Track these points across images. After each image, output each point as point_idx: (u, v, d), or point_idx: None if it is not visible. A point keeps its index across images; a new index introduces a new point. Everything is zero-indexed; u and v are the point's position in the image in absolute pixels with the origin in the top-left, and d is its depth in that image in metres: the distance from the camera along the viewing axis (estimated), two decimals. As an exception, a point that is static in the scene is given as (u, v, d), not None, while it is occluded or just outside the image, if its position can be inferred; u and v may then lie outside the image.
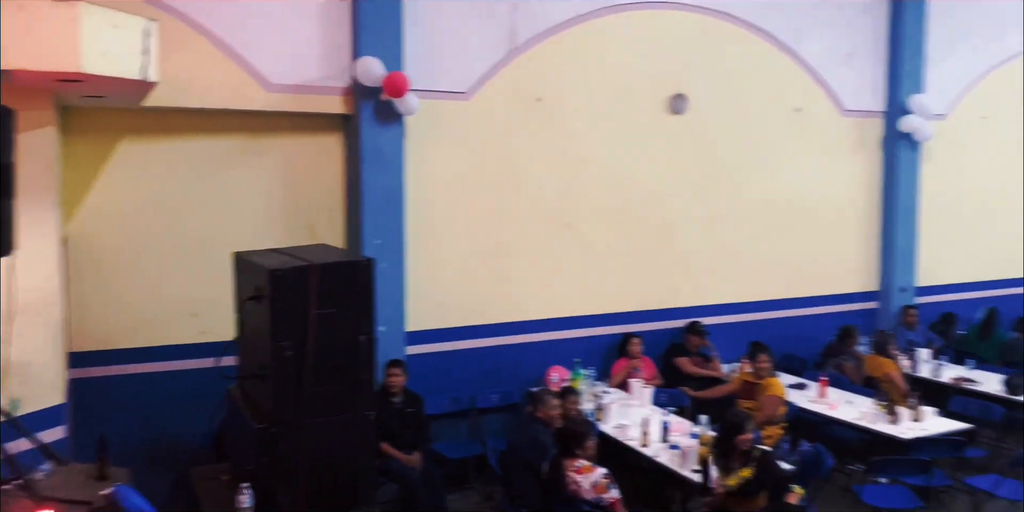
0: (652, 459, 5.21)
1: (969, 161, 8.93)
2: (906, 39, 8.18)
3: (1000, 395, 6.64)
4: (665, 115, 7.26)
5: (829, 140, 8.12)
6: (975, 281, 9.09)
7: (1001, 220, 9.21)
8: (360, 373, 4.14)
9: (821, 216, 8.12)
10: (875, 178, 8.38)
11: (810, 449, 5.30)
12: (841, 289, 8.28)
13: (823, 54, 7.97)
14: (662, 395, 6.41)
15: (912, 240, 8.42)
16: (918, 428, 5.79)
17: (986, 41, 8.89)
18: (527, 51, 6.64)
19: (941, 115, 8.56)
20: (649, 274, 7.32)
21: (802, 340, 7.91)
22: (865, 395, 6.46)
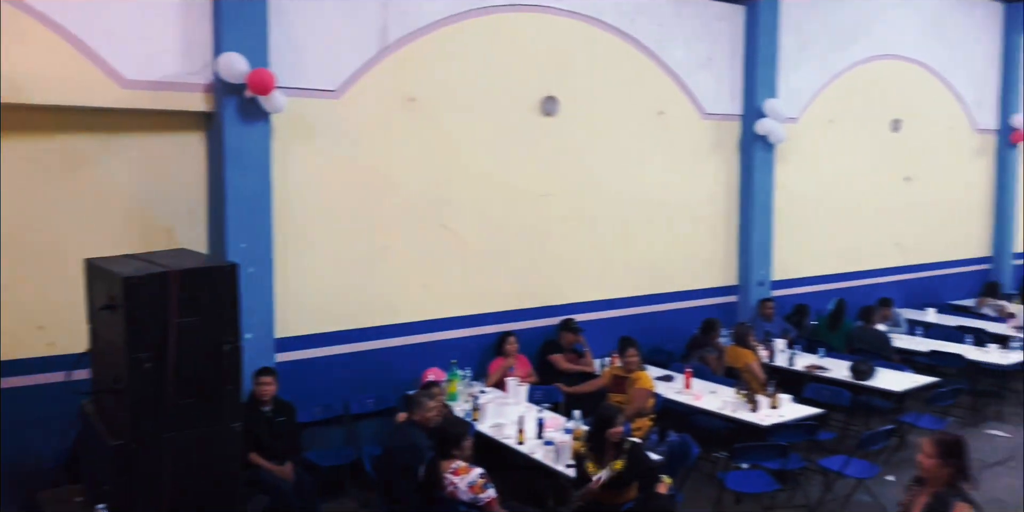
0: (528, 456, 5.29)
1: (818, 162, 9.54)
2: (760, 47, 8.64)
3: (848, 381, 7.12)
4: (537, 117, 7.37)
5: (690, 142, 8.48)
6: (825, 274, 9.73)
7: (848, 217, 9.89)
8: (225, 383, 3.99)
9: (684, 215, 8.48)
10: (733, 178, 8.82)
11: (677, 439, 5.52)
12: (704, 284, 8.68)
13: (685, 60, 8.31)
14: (537, 392, 6.52)
15: (768, 237, 8.92)
16: (776, 415, 6.12)
17: (832, 50, 9.51)
18: (399, 50, 6.58)
19: (793, 119, 9.10)
20: (524, 273, 7.42)
21: (669, 334, 8.25)
22: (727, 385, 6.80)
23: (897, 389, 6.95)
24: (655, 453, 5.28)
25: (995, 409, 8.27)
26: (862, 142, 9.95)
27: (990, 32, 11.34)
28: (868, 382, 7.06)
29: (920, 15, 10.40)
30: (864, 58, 9.83)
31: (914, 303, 10.42)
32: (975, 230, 11.56)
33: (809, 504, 5.91)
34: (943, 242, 11.08)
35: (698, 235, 8.64)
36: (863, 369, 7.08)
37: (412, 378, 6.56)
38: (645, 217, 8.18)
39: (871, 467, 5.88)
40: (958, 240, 11.32)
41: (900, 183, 10.43)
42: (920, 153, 10.59)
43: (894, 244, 10.45)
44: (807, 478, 6.23)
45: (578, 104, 7.56)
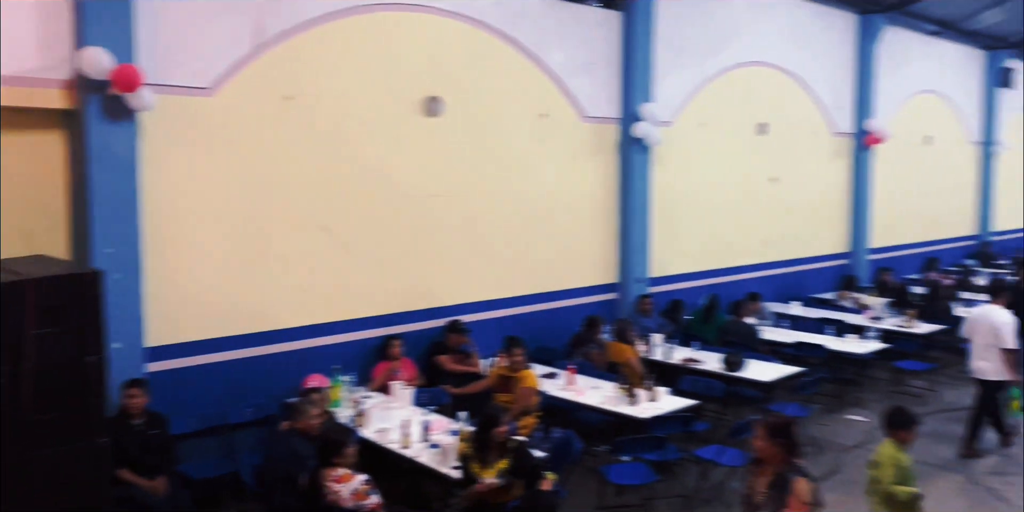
0: (413, 460, 5.28)
1: (691, 163, 9.95)
2: (636, 52, 8.93)
3: (720, 372, 7.47)
4: (421, 117, 7.35)
5: (572, 144, 8.67)
6: (699, 271, 10.17)
7: (719, 216, 10.37)
8: (89, 397, 3.81)
9: (567, 215, 8.67)
10: (613, 179, 9.08)
11: (561, 435, 5.64)
12: (586, 282, 8.91)
13: (565, 63, 8.48)
14: (423, 395, 6.51)
15: (645, 236, 9.24)
16: (654, 407, 6.36)
17: (703, 56, 9.94)
18: (276, 47, 6.41)
19: (667, 122, 9.44)
20: (410, 275, 7.39)
21: (554, 331, 8.41)
22: (609, 380, 6.99)
23: (766, 379, 7.33)
24: (540, 450, 5.37)
25: (855, 395, 8.86)
26: (731, 144, 10.45)
27: (847, 41, 12.14)
28: (739, 373, 7.42)
29: (784, 24, 11.02)
30: (733, 64, 10.32)
31: (780, 297, 11.04)
32: (834, 227, 12.36)
33: (686, 493, 6.17)
34: (805, 239, 11.79)
35: (580, 235, 8.85)
36: (734, 361, 7.43)
37: (293, 385, 6.40)
38: (529, 218, 8.31)
39: (743, 455, 6.18)
40: (819, 237, 12.07)
41: (766, 184, 11.03)
42: (784, 155, 11.23)
43: (761, 241, 11.03)
44: (684, 468, 6.51)
45: (462, 105, 7.59)
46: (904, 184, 13.66)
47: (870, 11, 12.11)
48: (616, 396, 6.47)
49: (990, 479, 6.69)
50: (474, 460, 4.81)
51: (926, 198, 14.33)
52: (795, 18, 11.18)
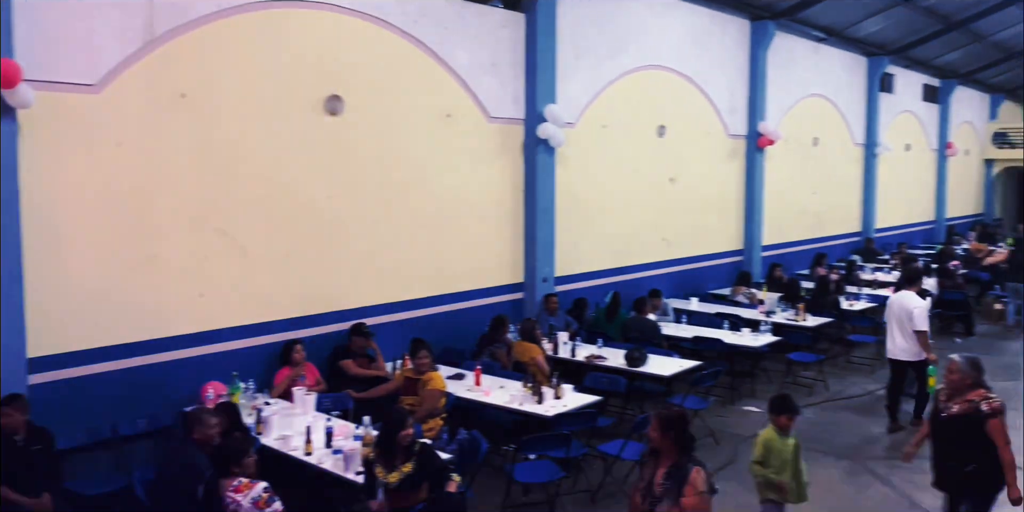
0: (316, 466, 5.19)
1: (594, 164, 10.13)
2: (539, 54, 9.02)
3: (623, 368, 7.64)
4: (322, 116, 7.21)
5: (477, 144, 8.69)
6: (603, 269, 10.37)
7: (621, 215, 10.60)
8: (-38, 415, 3.56)
9: (473, 215, 8.68)
10: (518, 180, 9.15)
11: (467, 436, 5.66)
12: (492, 282, 8.95)
13: (470, 64, 8.49)
14: (326, 400, 6.40)
15: (551, 235, 9.35)
16: (559, 405, 6.46)
17: (605, 59, 10.13)
18: (167, 43, 6.18)
19: (571, 123, 9.59)
20: (312, 278, 7.25)
21: (461, 332, 8.42)
22: (515, 379, 7.05)
23: (666, 374, 7.55)
24: (445, 452, 5.38)
25: (749, 387, 9.24)
26: (632, 146, 10.69)
27: (740, 46, 12.61)
28: (641, 368, 7.62)
29: (681, 29, 11.35)
30: (633, 67, 10.56)
31: (680, 293, 11.38)
32: (729, 225, 12.84)
33: (591, 488, 6.29)
34: (703, 237, 12.20)
35: (486, 235, 8.88)
36: (636, 356, 7.62)
37: (190, 394, 6.19)
38: (435, 218, 8.28)
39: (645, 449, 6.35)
40: (715, 235, 12.51)
41: (666, 184, 11.34)
42: (682, 156, 11.57)
43: (661, 239, 11.34)
44: (589, 463, 6.63)
45: (364, 104, 7.50)
46: (794, 184, 14.32)
47: (761, 17, 12.62)
48: (522, 395, 6.53)
49: (875, 464, 7.08)
50: (378, 464, 4.77)
51: (814, 197, 15.05)
52: (691, 23, 11.54)
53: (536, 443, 5.79)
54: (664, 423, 4.01)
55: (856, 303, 11.27)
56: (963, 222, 21.70)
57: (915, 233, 19.41)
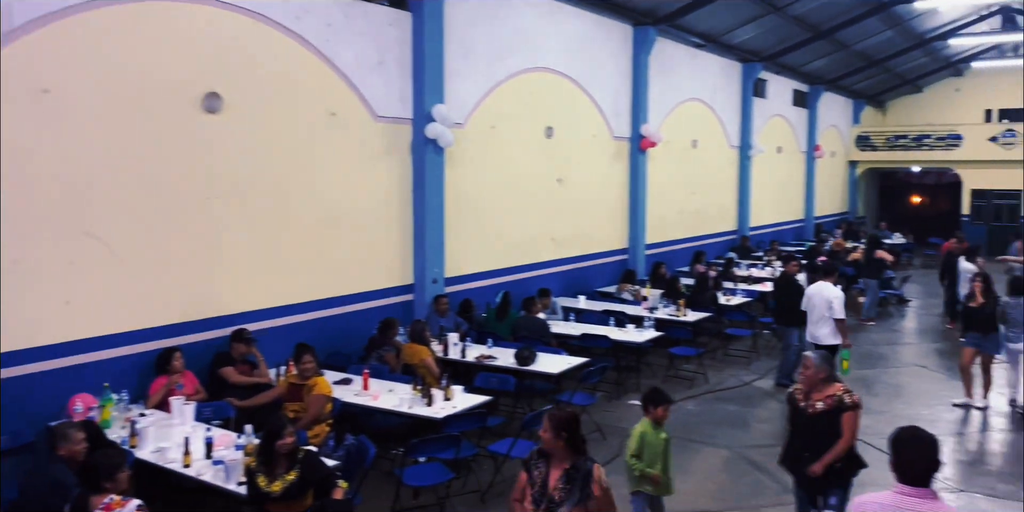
0: (196, 479, 4.99)
1: (483, 164, 10.18)
2: (427, 53, 8.97)
3: (513, 367, 7.72)
4: (199, 114, 6.94)
5: (364, 144, 8.57)
6: (493, 269, 10.44)
7: (511, 215, 10.70)
8: None
9: (360, 216, 8.55)
10: (407, 180, 9.08)
11: (354, 442, 5.58)
12: (381, 284, 8.84)
13: (355, 62, 8.36)
14: (206, 409, 6.16)
15: (440, 236, 9.32)
16: (449, 406, 6.45)
17: (493, 60, 10.19)
18: (28, 35, 5.78)
19: (460, 124, 9.60)
20: (189, 283, 6.95)
21: (349, 336, 8.29)
22: (405, 382, 7.00)
23: (554, 371, 7.68)
24: (332, 458, 5.29)
25: (634, 381, 9.52)
26: (521, 146, 10.82)
27: (623, 51, 12.97)
28: (531, 367, 7.72)
29: (567, 33, 11.56)
30: (521, 69, 10.68)
31: (568, 291, 11.62)
32: (615, 225, 13.19)
33: (481, 489, 6.33)
34: (590, 236, 12.48)
35: (373, 236, 8.76)
36: (526, 355, 7.72)
37: (56, 408, 5.82)
38: (320, 219, 8.11)
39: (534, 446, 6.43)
40: (601, 234, 12.82)
41: (554, 184, 11.54)
42: (569, 157, 11.80)
43: (550, 239, 11.53)
44: (479, 464, 6.67)
45: (245, 102, 7.26)
46: (675, 185, 14.86)
47: (643, 23, 13.01)
48: (412, 398, 6.49)
49: (751, 452, 7.43)
50: (260, 474, 4.64)
51: (694, 197, 15.68)
52: (577, 27, 11.77)
53: (425, 446, 5.77)
54: (557, 424, 3.96)
55: (733, 298, 11.81)
56: (830, 220, 23.12)
57: (786, 231, 20.53)
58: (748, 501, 6.38)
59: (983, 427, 8.31)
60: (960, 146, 23.25)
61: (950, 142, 23.45)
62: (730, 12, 13.94)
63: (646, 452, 5.08)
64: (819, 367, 4.95)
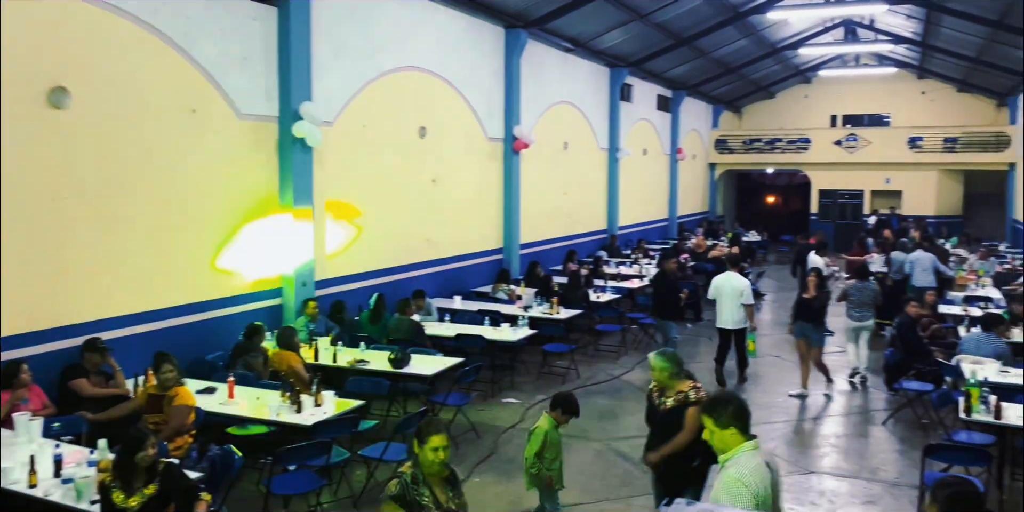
0: (43, 500, 4.67)
1: (355, 164, 10.04)
2: (294, 50, 8.74)
3: (387, 370, 7.64)
4: (44, 109, 6.48)
5: (227, 142, 8.26)
6: (367, 271, 10.30)
7: (384, 216, 10.59)
8: None
9: (222, 218, 8.23)
10: (273, 180, 8.81)
11: (219, 452, 5.38)
12: (246, 289, 8.53)
13: (217, 57, 8.04)
14: (55, 425, 5.75)
15: (309, 238, 9.07)
16: (320, 412, 6.32)
17: (363, 58, 10.05)
18: None
19: (329, 122, 9.41)
20: (37, 289, 6.49)
21: (212, 343, 7.97)
22: (273, 389, 6.79)
23: (429, 373, 7.66)
24: (195, 470, 5.08)
25: (509, 380, 9.66)
26: (393, 146, 10.73)
27: (495, 53, 13.10)
28: (405, 369, 7.67)
29: (439, 33, 11.56)
30: (393, 68, 10.59)
31: (444, 292, 11.63)
32: (490, 225, 13.31)
33: (354, 494, 6.25)
34: (465, 236, 12.54)
35: (237, 238, 8.44)
36: (399, 358, 7.66)
37: None
38: (181, 221, 7.76)
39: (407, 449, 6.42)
40: (477, 234, 12.91)
41: (428, 184, 11.51)
42: (444, 157, 11.81)
43: (425, 240, 11.50)
44: (352, 469, 6.58)
45: (96, 97, 6.85)
46: (547, 185, 15.17)
47: (515, 26, 13.19)
48: (280, 405, 6.32)
49: (621, 444, 7.70)
50: (117, 489, 4.40)
51: (565, 198, 16.05)
52: (449, 28, 11.79)
53: (294, 453, 5.63)
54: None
55: (603, 295, 12.18)
56: (692, 219, 24.23)
57: (652, 230, 21.36)
58: (618, 492, 6.61)
59: (827, 412, 8.95)
60: (809, 149, 24.93)
61: (800, 145, 25.10)
62: (598, 18, 14.34)
63: (549, 450, 5.26)
64: (663, 367, 4.99)
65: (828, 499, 6.51)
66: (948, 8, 15.22)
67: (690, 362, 8.33)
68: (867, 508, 6.24)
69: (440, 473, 3.84)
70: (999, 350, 8.02)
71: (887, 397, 9.31)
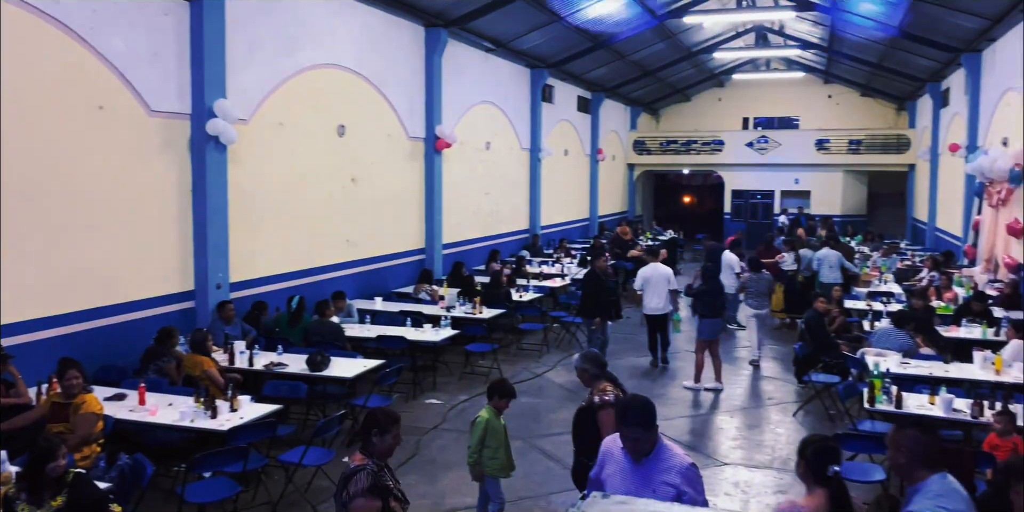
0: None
1: (272, 163, 9.81)
2: (207, 46, 8.48)
3: (305, 373, 7.52)
4: (-67, 104, 6.13)
5: (137, 140, 7.97)
6: (285, 273, 10.09)
7: (303, 216, 10.40)
8: None
9: (132, 218, 7.94)
10: (186, 179, 8.54)
11: (128, 461, 5.19)
12: (158, 291, 8.25)
13: (126, 52, 7.75)
14: (-51, 437, 5.46)
15: (224, 239, 8.85)
16: (236, 417, 6.17)
17: (280, 55, 9.84)
18: None
19: (244, 120, 9.18)
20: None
21: (122, 348, 7.67)
22: (186, 394, 6.60)
23: (348, 375, 7.57)
24: (104, 481, 4.89)
25: (431, 380, 9.63)
26: (312, 145, 10.54)
27: (416, 52, 13.02)
28: (324, 372, 7.55)
29: (357, 31, 11.42)
30: (311, 65, 10.41)
31: (365, 293, 11.50)
32: (412, 225, 13.23)
33: (272, 500, 6.13)
34: (387, 237, 12.43)
35: (149, 239, 8.14)
36: (318, 361, 7.54)
37: None
38: (87, 221, 7.43)
39: (327, 453, 6.34)
40: (398, 234, 12.81)
41: (348, 184, 11.36)
42: (364, 157, 11.68)
43: (346, 240, 11.34)
44: (269, 475, 6.45)
45: (-5, 92, 6.51)
46: (470, 185, 15.18)
47: (435, 25, 13.15)
48: (194, 410, 6.14)
49: (542, 441, 7.77)
50: (22, 502, 4.20)
51: (488, 197, 16.10)
52: (368, 25, 11.66)
53: (209, 460, 5.48)
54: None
55: (526, 294, 12.27)
56: (612, 219, 24.64)
57: (573, 229, 21.64)
58: (539, 489, 6.67)
59: (739, 405, 9.25)
60: (722, 151, 25.70)
61: (714, 147, 25.85)
62: (518, 19, 14.43)
63: (492, 438, 5.39)
64: (582, 368, 5.04)
65: (742, 490, 6.73)
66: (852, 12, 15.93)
67: (613, 359, 8.49)
68: (779, 497, 6.48)
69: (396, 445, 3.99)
70: (905, 345, 8.46)
71: (797, 389, 9.69)
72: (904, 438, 3.33)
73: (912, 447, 3.29)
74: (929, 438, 3.33)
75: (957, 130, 16.81)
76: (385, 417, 3.98)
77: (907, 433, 3.35)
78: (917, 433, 3.34)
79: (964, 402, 6.62)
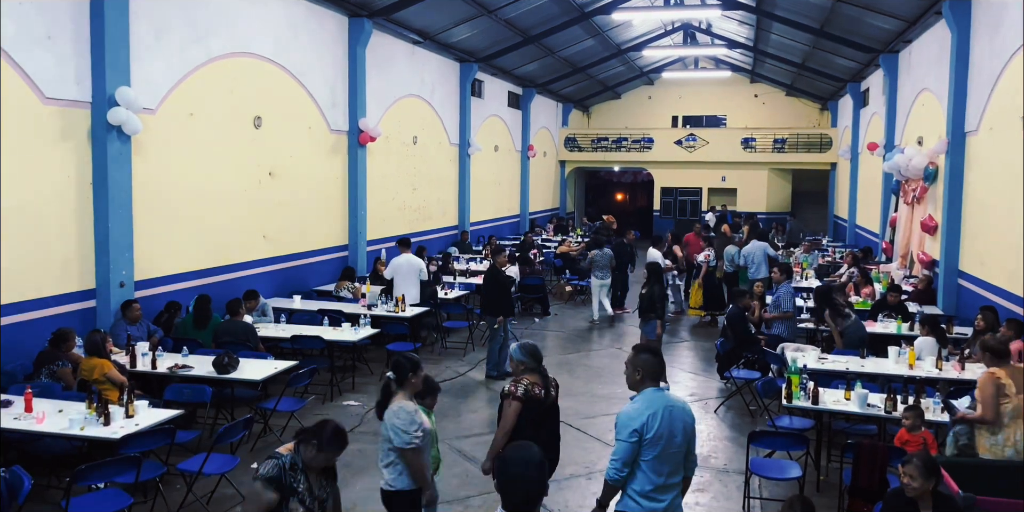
0: None
1: (181, 155, 9.33)
2: (109, 30, 8.00)
3: (212, 376, 7.13)
4: None
5: (30, 130, 7.45)
6: (195, 270, 9.62)
7: (215, 211, 9.94)
8: None
9: (24, 213, 7.41)
10: (85, 171, 8.04)
11: (3, 475, 4.79)
12: (54, 291, 7.73)
13: (17, 36, 7.24)
14: None
15: (129, 235, 8.36)
16: (131, 424, 5.80)
17: (190, 42, 9.36)
18: None
19: (150, 109, 8.72)
20: None
21: (11, 351, 7.15)
22: (80, 400, 6.17)
23: (258, 377, 7.22)
24: (-26, 498, 4.50)
25: (350, 381, 9.33)
26: (225, 137, 10.09)
27: (339, 42, 12.64)
28: (232, 375, 7.20)
29: (276, 19, 10.99)
30: (224, 53, 9.96)
31: (283, 292, 11.10)
32: (334, 221, 12.85)
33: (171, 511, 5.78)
34: (306, 233, 12.03)
35: (41, 236, 7.61)
36: (225, 362, 7.17)
37: None
38: (-30, 216, 6.92)
39: (231, 459, 6.02)
40: (319, 230, 12.42)
41: (265, 178, 10.94)
42: (282, 150, 11.26)
43: (262, 236, 10.92)
44: (169, 484, 6.09)
45: None
46: (396, 180, 14.86)
47: (359, 15, 12.79)
48: (84, 417, 5.74)
49: (461, 443, 7.58)
50: None
51: (415, 193, 15.80)
52: (287, 13, 11.24)
53: (98, 470, 5.11)
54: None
55: (451, 292, 12.04)
56: (543, 215, 24.61)
57: (504, 226, 21.49)
58: (457, 493, 6.47)
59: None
60: (652, 148, 25.93)
61: (644, 145, 26.07)
62: (445, 10, 14.18)
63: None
64: (518, 360, 5.05)
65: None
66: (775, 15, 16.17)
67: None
68: (697, 496, 6.42)
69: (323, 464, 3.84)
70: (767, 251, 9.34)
71: (719, 386, 9.73)
72: (639, 359, 4.07)
73: (645, 366, 4.04)
74: (658, 359, 4.10)
75: (876, 129, 17.26)
76: (333, 436, 3.84)
77: (642, 356, 4.08)
78: (650, 355, 4.09)
79: (879, 397, 6.68)
